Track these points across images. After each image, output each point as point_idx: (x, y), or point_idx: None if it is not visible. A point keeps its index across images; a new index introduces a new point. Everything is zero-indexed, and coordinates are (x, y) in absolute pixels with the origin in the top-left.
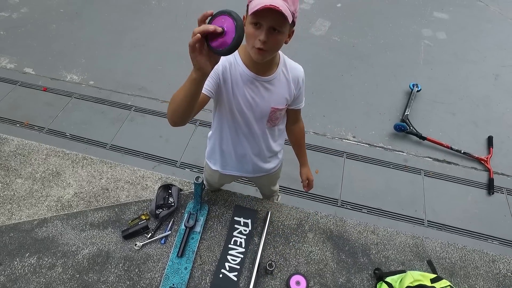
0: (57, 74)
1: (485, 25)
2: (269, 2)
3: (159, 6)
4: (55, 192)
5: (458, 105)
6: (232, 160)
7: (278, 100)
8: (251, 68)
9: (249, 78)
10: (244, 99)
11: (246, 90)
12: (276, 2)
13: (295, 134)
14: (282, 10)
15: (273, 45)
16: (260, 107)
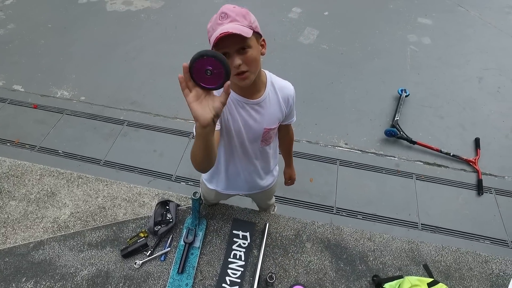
0: (47, 90)
1: (467, 30)
2: (220, 31)
3: (148, 19)
4: (51, 213)
5: (445, 108)
6: (227, 180)
7: (270, 121)
8: (239, 92)
9: (239, 102)
10: (237, 123)
11: (239, 114)
12: (227, 28)
13: (284, 142)
14: (236, 32)
15: (250, 63)
16: (253, 130)
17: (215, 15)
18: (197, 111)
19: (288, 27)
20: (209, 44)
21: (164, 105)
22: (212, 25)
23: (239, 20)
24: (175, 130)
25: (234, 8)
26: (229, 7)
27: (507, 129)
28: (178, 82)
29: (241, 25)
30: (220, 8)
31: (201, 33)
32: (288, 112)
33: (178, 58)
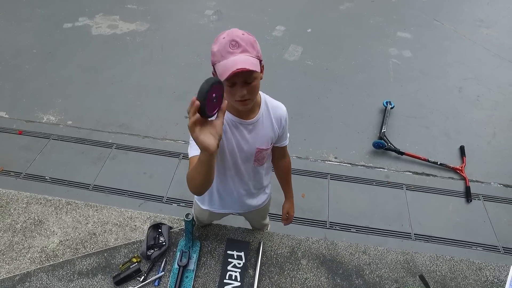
0: (32, 116)
1: (444, 42)
2: (234, 66)
3: (134, 41)
4: (38, 242)
5: (429, 118)
6: (220, 199)
7: (263, 141)
8: (234, 113)
9: (233, 123)
10: (230, 143)
11: (232, 134)
12: (241, 63)
13: (281, 169)
14: (251, 68)
15: (252, 92)
16: (246, 149)
17: (223, 37)
18: (204, 141)
19: (273, 45)
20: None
21: (153, 126)
22: (220, 50)
23: (249, 51)
24: (164, 151)
25: (243, 36)
26: (238, 34)
27: (489, 136)
28: (165, 103)
29: (251, 56)
30: (229, 32)
31: (187, 54)
32: (281, 133)
33: (165, 79)
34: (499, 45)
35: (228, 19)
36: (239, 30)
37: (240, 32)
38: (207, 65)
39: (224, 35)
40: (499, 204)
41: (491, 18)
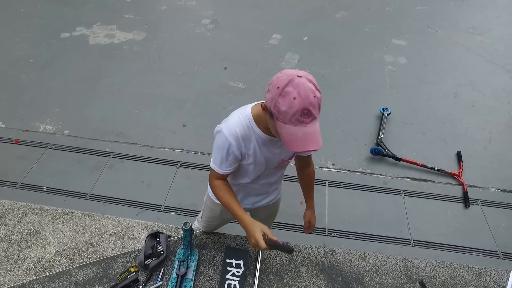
0: (29, 125)
1: (438, 49)
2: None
3: (131, 50)
4: (34, 253)
5: (426, 124)
6: (241, 197)
7: (288, 154)
8: (266, 132)
9: (264, 140)
10: (258, 158)
11: (261, 150)
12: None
13: (305, 178)
14: (320, 147)
15: None
16: (272, 161)
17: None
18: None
19: (270, 53)
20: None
21: (150, 135)
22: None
23: (316, 116)
24: (162, 160)
25: (314, 100)
26: (310, 97)
27: (485, 141)
28: (162, 111)
29: (317, 121)
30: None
31: (184, 63)
32: None
33: (162, 88)
34: (492, 51)
35: (224, 28)
36: (308, 87)
37: (311, 92)
38: (203, 73)
39: (294, 93)
40: (497, 209)
41: (483, 25)
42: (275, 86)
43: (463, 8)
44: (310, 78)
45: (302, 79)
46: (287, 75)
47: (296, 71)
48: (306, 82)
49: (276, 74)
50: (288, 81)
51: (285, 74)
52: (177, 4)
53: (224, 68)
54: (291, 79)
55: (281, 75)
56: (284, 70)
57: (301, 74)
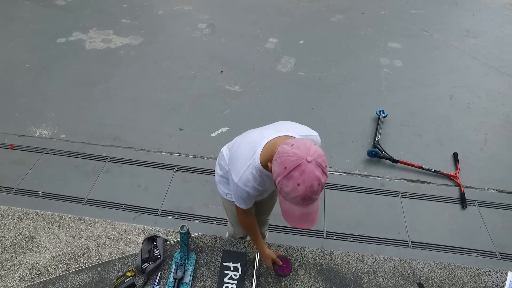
0: (25, 130)
1: (434, 52)
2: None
3: (128, 55)
4: (29, 259)
5: (422, 126)
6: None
7: None
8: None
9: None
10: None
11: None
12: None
13: None
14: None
15: None
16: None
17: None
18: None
19: (266, 57)
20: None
21: (147, 139)
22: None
23: (317, 198)
24: (159, 164)
25: (318, 187)
26: (314, 188)
27: (481, 143)
28: (159, 115)
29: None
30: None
31: (181, 67)
32: None
33: (159, 92)
34: (487, 54)
35: (221, 32)
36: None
37: (317, 181)
38: (200, 77)
39: (299, 179)
40: (494, 209)
41: (477, 28)
42: (283, 165)
43: (457, 12)
44: (320, 162)
45: (310, 165)
46: (297, 157)
47: (308, 150)
48: (314, 170)
49: (286, 147)
50: (296, 165)
51: (295, 155)
52: (174, 9)
53: (221, 72)
54: (300, 164)
55: (291, 153)
56: (295, 144)
57: (311, 157)
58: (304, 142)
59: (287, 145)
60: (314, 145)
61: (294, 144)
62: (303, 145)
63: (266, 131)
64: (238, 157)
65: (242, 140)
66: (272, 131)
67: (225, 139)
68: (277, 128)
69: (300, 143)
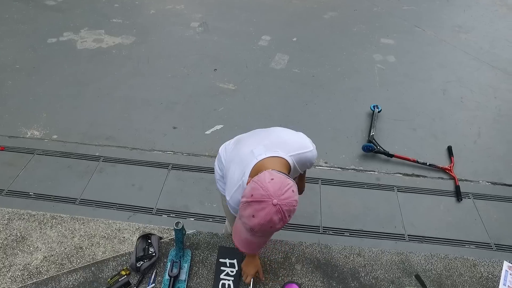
0: (15, 131)
1: (426, 47)
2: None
3: (119, 54)
4: (21, 260)
5: (416, 121)
6: None
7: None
8: None
9: None
10: None
11: None
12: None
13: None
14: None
15: None
16: None
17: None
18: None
19: (259, 54)
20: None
21: (140, 138)
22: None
23: (267, 238)
24: (153, 163)
25: (270, 230)
26: (265, 228)
27: (475, 136)
28: (152, 114)
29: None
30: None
31: (174, 66)
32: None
33: (152, 91)
34: (478, 49)
35: (214, 31)
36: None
37: (270, 223)
38: (193, 76)
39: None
40: (489, 201)
41: (468, 24)
42: (251, 191)
43: (449, 8)
44: (284, 209)
45: (273, 207)
46: (266, 194)
47: (281, 192)
48: (273, 214)
49: (265, 178)
50: (261, 200)
51: (267, 191)
52: (166, 8)
53: (214, 70)
54: (264, 201)
55: (264, 187)
56: (275, 180)
57: (278, 201)
58: (283, 182)
59: (268, 176)
60: (293, 191)
61: (274, 179)
62: (280, 185)
63: (257, 148)
64: (229, 176)
65: (235, 153)
66: (262, 150)
67: (220, 137)
68: (269, 145)
69: (279, 182)
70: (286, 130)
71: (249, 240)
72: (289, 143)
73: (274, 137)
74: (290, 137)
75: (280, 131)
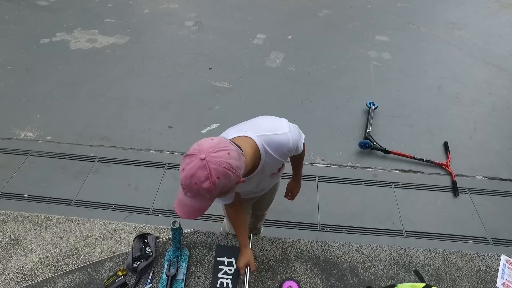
0: (8, 133)
1: (420, 44)
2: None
3: (114, 54)
4: (15, 262)
5: (412, 117)
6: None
7: (274, 170)
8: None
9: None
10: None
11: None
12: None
13: (294, 158)
14: (183, 217)
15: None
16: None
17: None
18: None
19: (255, 52)
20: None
21: (136, 138)
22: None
23: (199, 198)
24: (149, 162)
25: (195, 186)
26: (191, 185)
27: (470, 131)
28: (148, 114)
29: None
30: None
31: (169, 65)
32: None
33: (147, 91)
34: (472, 45)
35: (208, 30)
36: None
37: (195, 179)
38: (188, 75)
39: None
40: (485, 196)
41: (462, 20)
42: (189, 148)
43: (442, 5)
44: (211, 167)
45: (198, 162)
46: (198, 149)
47: (213, 150)
48: (197, 168)
49: (208, 139)
50: (191, 153)
51: (199, 146)
52: (160, 7)
53: (209, 68)
54: (193, 154)
55: (200, 144)
56: (214, 140)
57: (206, 156)
58: (221, 143)
59: (212, 138)
60: (228, 154)
61: (213, 140)
62: (217, 144)
63: (231, 130)
64: None
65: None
66: (234, 131)
67: (216, 136)
68: (242, 127)
69: (217, 141)
70: (267, 117)
71: (183, 202)
72: (261, 126)
73: (251, 121)
74: (264, 121)
75: (260, 117)
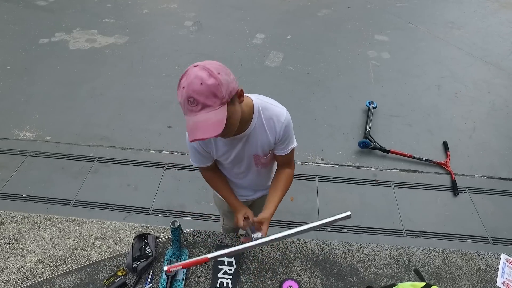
0: (7, 133)
1: (419, 44)
2: (194, 133)
3: (113, 54)
4: (14, 263)
5: (412, 116)
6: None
7: (258, 149)
8: None
9: (225, 140)
10: (225, 155)
11: (225, 148)
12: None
13: (278, 176)
14: (208, 137)
15: (226, 132)
16: (240, 157)
17: (183, 87)
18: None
19: (254, 52)
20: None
21: (135, 138)
22: (181, 103)
23: (210, 104)
24: (148, 162)
25: (201, 88)
26: (196, 85)
27: (470, 131)
28: (147, 114)
29: (213, 110)
30: (188, 82)
31: (168, 65)
32: (279, 141)
33: (146, 90)
34: (471, 44)
35: (208, 30)
36: (196, 75)
37: (198, 80)
38: None
39: (184, 83)
40: (485, 195)
41: (461, 20)
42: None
43: (441, 4)
44: (208, 67)
45: (195, 68)
46: (191, 66)
47: (201, 62)
48: (198, 71)
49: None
50: (184, 73)
51: (190, 67)
52: (159, 7)
53: None
54: (186, 71)
55: (192, 65)
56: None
57: (199, 63)
58: (212, 62)
59: None
60: (219, 65)
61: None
62: (206, 62)
63: None
64: None
65: None
66: None
67: None
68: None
69: (208, 61)
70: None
71: (195, 122)
72: (263, 97)
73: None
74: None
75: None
